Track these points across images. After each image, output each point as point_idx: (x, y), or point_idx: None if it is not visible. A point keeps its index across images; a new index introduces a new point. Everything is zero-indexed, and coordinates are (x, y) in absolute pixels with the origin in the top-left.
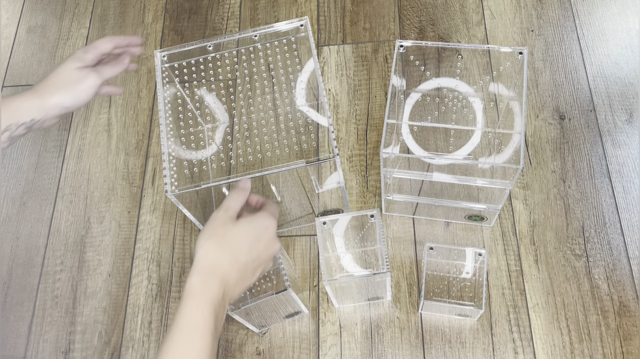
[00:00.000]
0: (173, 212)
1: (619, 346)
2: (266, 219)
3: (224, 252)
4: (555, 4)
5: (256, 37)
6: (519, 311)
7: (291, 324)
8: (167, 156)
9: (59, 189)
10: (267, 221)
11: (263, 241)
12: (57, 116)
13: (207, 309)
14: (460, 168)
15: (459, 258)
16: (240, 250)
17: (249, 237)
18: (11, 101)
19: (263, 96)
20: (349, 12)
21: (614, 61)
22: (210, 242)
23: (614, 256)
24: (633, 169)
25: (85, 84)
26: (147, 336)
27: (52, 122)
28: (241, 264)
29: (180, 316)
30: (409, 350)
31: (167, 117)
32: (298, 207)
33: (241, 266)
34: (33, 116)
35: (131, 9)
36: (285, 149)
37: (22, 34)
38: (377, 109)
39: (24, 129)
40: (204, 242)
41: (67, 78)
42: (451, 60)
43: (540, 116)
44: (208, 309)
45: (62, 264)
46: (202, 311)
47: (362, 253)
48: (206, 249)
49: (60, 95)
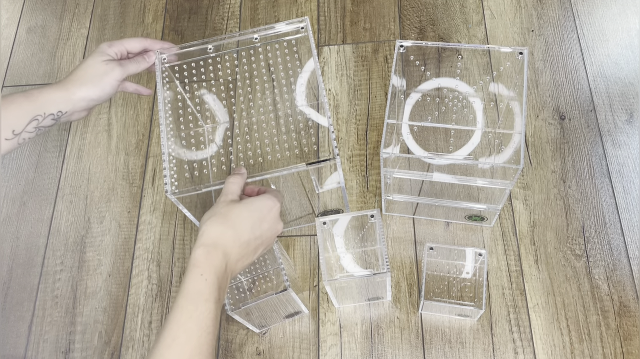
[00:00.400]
0: (173, 212)
1: (619, 346)
2: (270, 199)
3: (226, 228)
4: (555, 4)
5: (256, 39)
6: (519, 311)
7: (291, 324)
8: (167, 156)
9: (59, 189)
10: (270, 201)
11: (266, 221)
12: (84, 109)
13: (210, 277)
14: (460, 168)
15: (459, 258)
16: (243, 228)
17: (252, 216)
18: (39, 92)
19: (263, 96)
20: (349, 12)
21: (614, 61)
22: (213, 219)
23: (614, 256)
24: (633, 169)
25: (110, 76)
26: (147, 336)
27: (80, 116)
28: (243, 241)
29: (185, 284)
30: (409, 350)
31: (167, 117)
32: (298, 207)
33: (243, 243)
34: (60, 108)
35: (131, 9)
36: (285, 149)
37: (22, 34)
38: (377, 109)
39: (51, 121)
40: (206, 219)
41: (92, 71)
42: (451, 60)
43: (541, 116)
44: (211, 278)
45: (62, 264)
46: (206, 279)
47: (362, 253)
48: (209, 225)
49: (86, 88)
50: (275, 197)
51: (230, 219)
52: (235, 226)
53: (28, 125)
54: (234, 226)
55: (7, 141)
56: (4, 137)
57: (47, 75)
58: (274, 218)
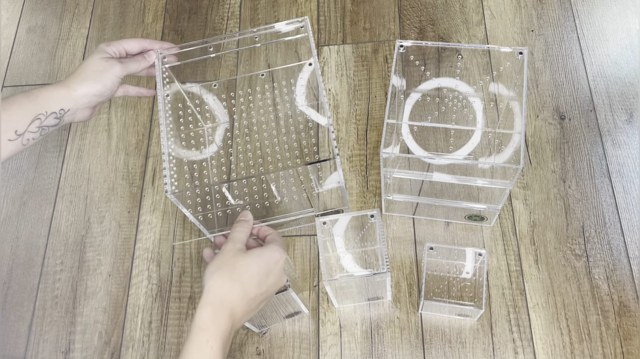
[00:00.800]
0: (173, 212)
1: (619, 346)
2: (276, 251)
3: (234, 284)
4: (555, 4)
5: (256, 38)
6: (519, 311)
7: (291, 324)
8: (167, 156)
9: (59, 189)
10: (277, 253)
11: (273, 274)
12: (86, 106)
13: (216, 344)
14: (460, 168)
15: (459, 258)
16: (251, 283)
17: (260, 271)
18: (40, 91)
19: (263, 96)
20: (349, 12)
21: (614, 61)
22: (220, 273)
23: (614, 256)
24: (633, 169)
25: (111, 72)
26: (147, 336)
27: (84, 115)
28: (250, 298)
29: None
30: (409, 350)
31: (167, 117)
32: (298, 207)
33: (250, 300)
34: (62, 106)
35: (131, 9)
36: (285, 148)
37: (22, 34)
38: (377, 109)
39: (54, 119)
40: (213, 272)
41: (92, 68)
42: (451, 60)
43: (540, 116)
44: (218, 345)
45: (62, 264)
46: (212, 346)
47: (362, 253)
48: (215, 280)
49: (87, 84)
50: (281, 248)
51: (238, 273)
52: (243, 282)
53: (31, 124)
54: (242, 282)
55: (10, 142)
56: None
57: (47, 75)
58: (280, 271)
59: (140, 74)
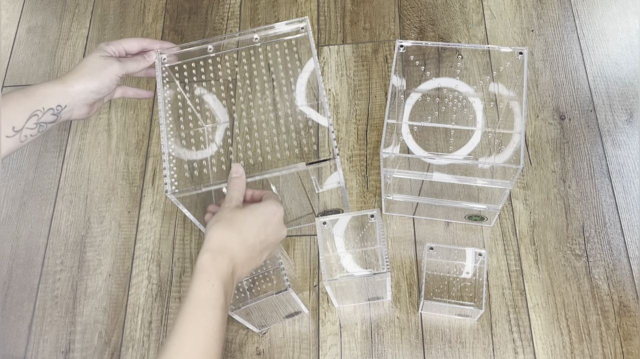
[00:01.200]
0: (173, 212)
1: (619, 346)
2: (273, 204)
3: (232, 233)
4: (555, 4)
5: (256, 39)
6: (519, 311)
7: (291, 324)
8: (167, 156)
9: (59, 189)
10: (274, 206)
11: (271, 225)
12: (84, 103)
13: (217, 283)
14: (460, 168)
15: (459, 258)
16: (249, 232)
17: (257, 221)
18: (37, 88)
19: (263, 96)
20: (349, 12)
21: (614, 61)
22: (219, 225)
23: (614, 256)
24: (633, 169)
25: (109, 70)
26: (147, 336)
27: (81, 112)
28: (249, 245)
29: (192, 290)
30: (409, 350)
31: (167, 117)
32: (298, 207)
33: (249, 247)
34: (59, 102)
35: (131, 9)
36: (285, 149)
37: (22, 34)
38: (377, 109)
39: (52, 116)
40: (212, 224)
41: (90, 65)
42: (451, 60)
43: (540, 116)
44: (218, 284)
45: (62, 264)
46: (213, 285)
47: (362, 253)
48: (215, 230)
49: (84, 80)
50: (278, 202)
51: (236, 223)
52: (241, 230)
53: (28, 121)
54: (240, 230)
55: (8, 139)
56: (5, 134)
57: (47, 75)
58: (278, 222)
59: (139, 74)
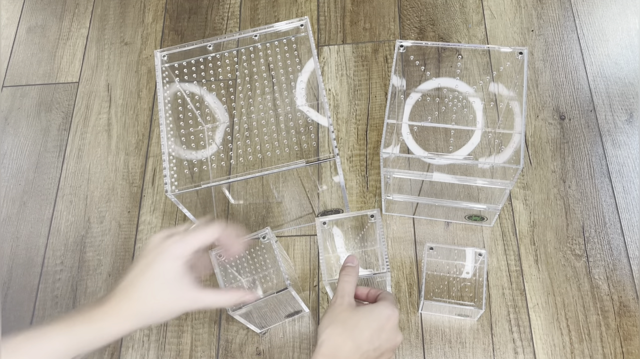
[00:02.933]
0: (173, 212)
1: (619, 346)
2: (388, 308)
3: (346, 338)
4: (555, 4)
5: (256, 37)
6: (519, 311)
7: (291, 324)
8: (167, 156)
9: (59, 189)
10: (389, 310)
11: (385, 331)
12: None
13: None
14: (460, 168)
15: (459, 258)
16: (362, 338)
17: (371, 326)
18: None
19: (263, 96)
20: (349, 12)
21: (614, 61)
22: (333, 328)
23: (614, 256)
24: (633, 169)
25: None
26: (147, 336)
27: None
28: (362, 352)
29: None
30: (409, 350)
31: (167, 117)
32: (298, 207)
33: (362, 354)
34: None
35: (131, 9)
36: (285, 149)
37: (22, 34)
38: (377, 109)
39: None
40: (326, 326)
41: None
42: (451, 60)
43: (540, 116)
44: None
45: (62, 264)
46: None
47: (362, 253)
48: (329, 334)
49: None
50: (393, 305)
51: (349, 326)
52: (355, 336)
53: None
54: (353, 336)
55: None
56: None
57: (47, 75)
58: (393, 328)
59: None
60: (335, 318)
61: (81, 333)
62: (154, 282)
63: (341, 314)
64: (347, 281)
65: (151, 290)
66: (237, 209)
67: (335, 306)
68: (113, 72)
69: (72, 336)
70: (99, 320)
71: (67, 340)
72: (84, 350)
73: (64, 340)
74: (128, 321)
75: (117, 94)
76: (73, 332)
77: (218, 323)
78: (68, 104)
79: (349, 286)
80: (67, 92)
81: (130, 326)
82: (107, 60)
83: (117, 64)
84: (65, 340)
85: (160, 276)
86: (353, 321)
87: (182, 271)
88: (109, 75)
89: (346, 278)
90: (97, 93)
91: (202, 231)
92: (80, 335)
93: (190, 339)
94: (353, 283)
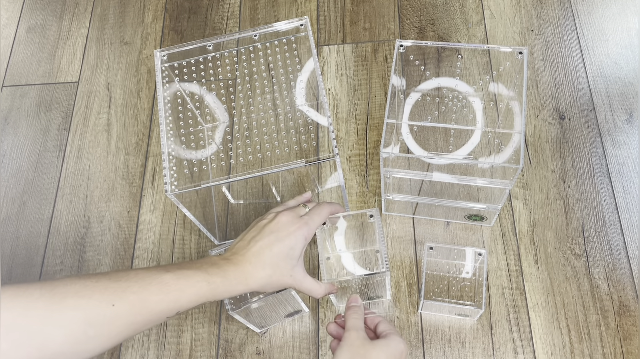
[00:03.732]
0: (173, 212)
1: (619, 346)
2: (401, 343)
3: None
4: (555, 4)
5: (256, 37)
6: (519, 311)
7: (291, 324)
8: (167, 156)
9: (59, 189)
10: (402, 345)
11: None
12: None
13: None
14: (460, 168)
15: (459, 258)
16: None
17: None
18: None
19: (263, 96)
20: (349, 12)
21: (614, 61)
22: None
23: (614, 256)
24: (633, 169)
25: None
26: (147, 336)
27: None
28: None
29: None
30: (408, 350)
31: (167, 117)
32: None
33: None
34: None
35: (131, 9)
36: (285, 149)
37: (22, 34)
38: (377, 109)
39: None
40: None
41: None
42: (451, 60)
43: (540, 116)
44: None
45: (62, 264)
46: None
47: (362, 253)
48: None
49: None
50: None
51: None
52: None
53: None
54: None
55: None
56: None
57: (47, 75)
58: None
59: None
60: (356, 352)
61: (216, 284)
62: (281, 255)
63: (360, 349)
64: (356, 318)
65: (277, 262)
66: (237, 209)
67: (353, 340)
68: (113, 72)
69: (210, 285)
70: (233, 278)
71: (207, 288)
72: (212, 300)
73: (204, 287)
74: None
75: (117, 94)
76: (211, 282)
77: (218, 323)
78: (68, 104)
79: (359, 322)
80: (67, 92)
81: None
82: (107, 60)
83: (117, 64)
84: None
85: (289, 252)
86: (373, 355)
87: (302, 251)
88: (109, 75)
89: (354, 316)
90: (97, 93)
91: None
92: (215, 286)
93: (190, 339)
94: (362, 320)
